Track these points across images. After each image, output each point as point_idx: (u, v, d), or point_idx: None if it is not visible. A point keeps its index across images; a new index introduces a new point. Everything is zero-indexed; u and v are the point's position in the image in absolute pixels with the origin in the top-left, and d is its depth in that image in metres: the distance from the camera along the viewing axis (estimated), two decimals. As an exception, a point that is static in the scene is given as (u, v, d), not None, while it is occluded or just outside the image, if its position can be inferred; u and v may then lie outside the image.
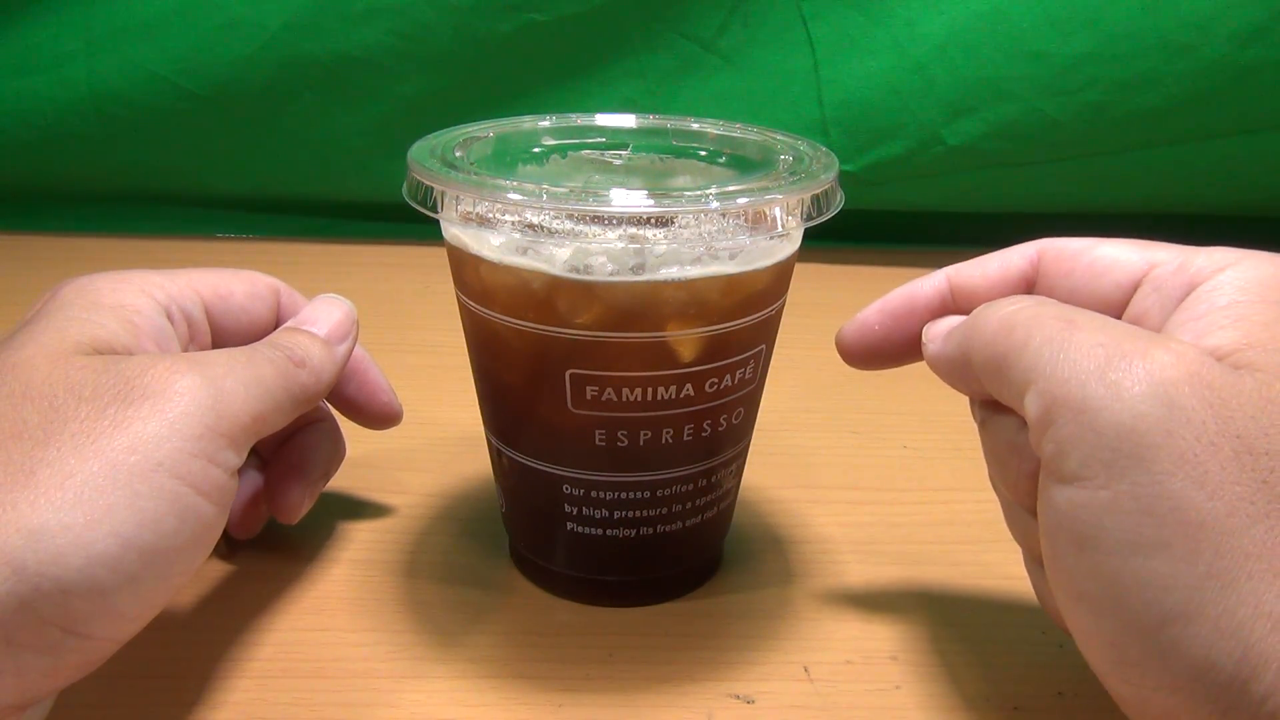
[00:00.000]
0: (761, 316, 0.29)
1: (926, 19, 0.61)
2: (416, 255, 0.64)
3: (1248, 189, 0.66)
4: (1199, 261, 0.24)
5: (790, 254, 0.29)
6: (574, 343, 0.27)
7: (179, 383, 0.24)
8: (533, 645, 0.30)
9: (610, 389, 0.28)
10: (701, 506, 0.31)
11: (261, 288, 0.32)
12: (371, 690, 0.28)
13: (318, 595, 0.32)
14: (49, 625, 0.21)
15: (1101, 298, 0.26)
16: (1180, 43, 0.58)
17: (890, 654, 0.30)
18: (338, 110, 0.65)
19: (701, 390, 0.28)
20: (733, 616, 0.32)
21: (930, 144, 0.62)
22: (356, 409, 0.35)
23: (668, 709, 0.28)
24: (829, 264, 0.65)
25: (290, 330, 0.30)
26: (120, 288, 0.28)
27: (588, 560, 0.31)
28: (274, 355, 0.28)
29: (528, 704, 0.28)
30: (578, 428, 0.29)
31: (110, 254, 0.66)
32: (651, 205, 0.25)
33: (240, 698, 0.28)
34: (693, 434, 0.29)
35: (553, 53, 0.64)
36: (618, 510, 0.30)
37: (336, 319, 0.31)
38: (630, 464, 0.29)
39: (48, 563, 0.21)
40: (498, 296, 0.28)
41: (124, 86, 0.64)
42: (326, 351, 0.30)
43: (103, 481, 0.22)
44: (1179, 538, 0.19)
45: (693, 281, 0.27)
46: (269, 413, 0.26)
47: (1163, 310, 0.24)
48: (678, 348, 0.27)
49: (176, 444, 0.23)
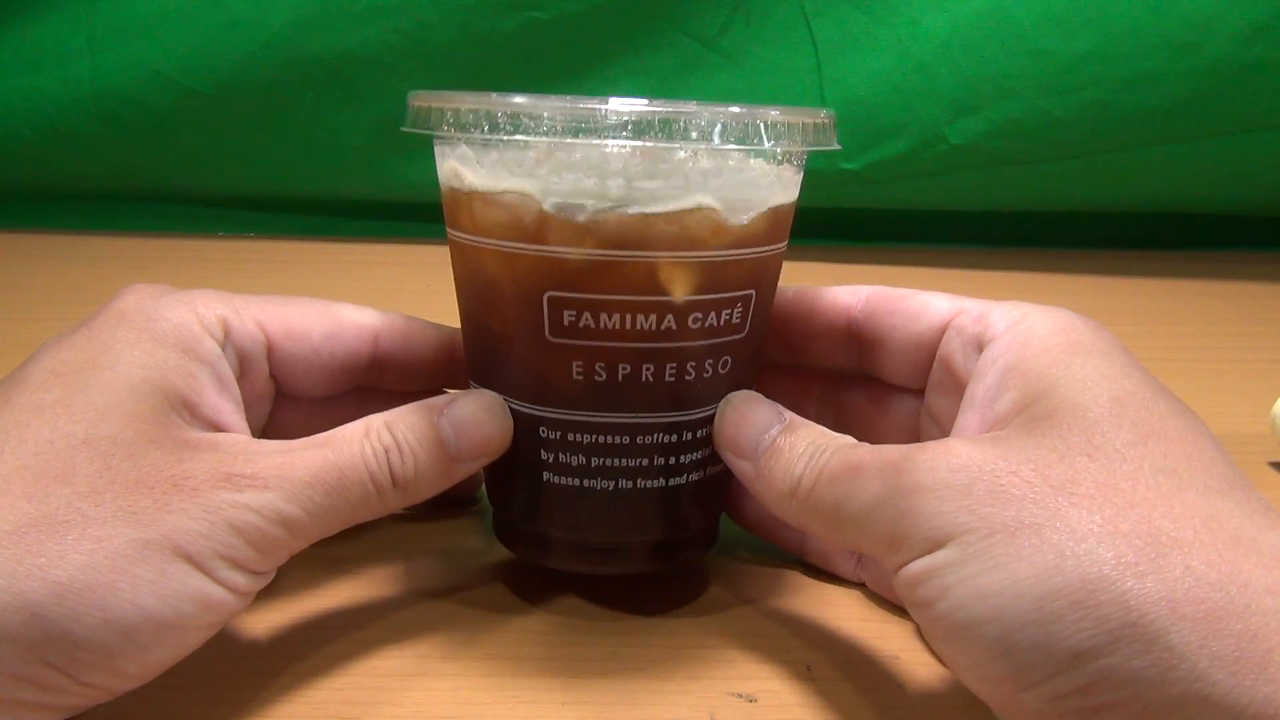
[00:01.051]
0: (752, 255, 0.28)
1: (929, 18, 0.61)
2: (418, 254, 0.64)
3: (1250, 187, 0.66)
4: (994, 315, 0.27)
5: (787, 201, 0.29)
6: (556, 262, 0.27)
7: (238, 496, 0.24)
8: (535, 643, 0.30)
9: (588, 314, 0.27)
10: (687, 465, 0.30)
11: (347, 330, 0.30)
12: (373, 688, 0.28)
13: (318, 594, 0.33)
14: (53, 670, 0.22)
15: (917, 333, 0.30)
16: (1183, 41, 0.58)
17: (893, 653, 0.30)
18: (340, 108, 0.65)
19: (684, 325, 0.28)
20: (735, 615, 0.32)
21: (933, 142, 0.62)
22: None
23: (669, 707, 0.28)
24: (829, 264, 0.64)
25: (419, 425, 0.27)
26: (182, 312, 0.27)
27: (565, 518, 0.31)
28: (373, 470, 0.26)
29: (530, 702, 0.28)
30: (556, 359, 0.28)
31: (112, 252, 0.66)
32: (648, 107, 0.26)
33: (240, 696, 0.28)
34: (675, 374, 0.28)
35: (555, 51, 0.64)
36: (595, 457, 0.29)
37: (485, 437, 0.28)
38: (609, 402, 0.28)
39: (65, 617, 0.21)
40: (485, 221, 0.28)
41: (126, 85, 0.64)
42: (442, 473, 0.27)
43: (134, 554, 0.22)
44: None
45: (681, 213, 0.27)
46: (323, 534, 0.26)
47: (964, 350, 0.28)
48: (660, 273, 0.27)
49: (216, 547, 0.23)
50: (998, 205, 0.67)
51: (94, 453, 0.23)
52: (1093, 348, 0.25)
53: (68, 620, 0.21)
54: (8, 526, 0.22)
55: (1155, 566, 0.20)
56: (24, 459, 0.23)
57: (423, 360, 0.32)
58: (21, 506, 0.22)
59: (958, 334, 0.28)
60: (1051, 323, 0.26)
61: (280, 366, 0.30)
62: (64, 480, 0.23)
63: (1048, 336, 0.26)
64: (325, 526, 0.26)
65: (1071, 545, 0.20)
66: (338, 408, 0.33)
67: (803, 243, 0.31)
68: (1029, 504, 0.21)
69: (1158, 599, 0.19)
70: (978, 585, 0.21)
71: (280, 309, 0.30)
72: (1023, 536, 0.21)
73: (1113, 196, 0.67)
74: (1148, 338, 0.43)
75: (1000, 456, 0.22)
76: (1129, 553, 0.20)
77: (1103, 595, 0.20)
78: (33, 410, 0.24)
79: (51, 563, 0.21)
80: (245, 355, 0.29)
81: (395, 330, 0.32)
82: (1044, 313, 0.27)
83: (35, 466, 0.23)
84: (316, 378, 0.30)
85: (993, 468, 0.22)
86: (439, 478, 0.28)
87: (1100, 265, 0.65)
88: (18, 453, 0.23)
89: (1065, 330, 0.26)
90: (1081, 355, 0.25)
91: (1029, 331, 0.26)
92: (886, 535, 0.23)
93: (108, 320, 0.27)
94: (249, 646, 0.30)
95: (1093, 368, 0.24)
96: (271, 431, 0.32)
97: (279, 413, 0.32)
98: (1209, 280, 0.64)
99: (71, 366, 0.25)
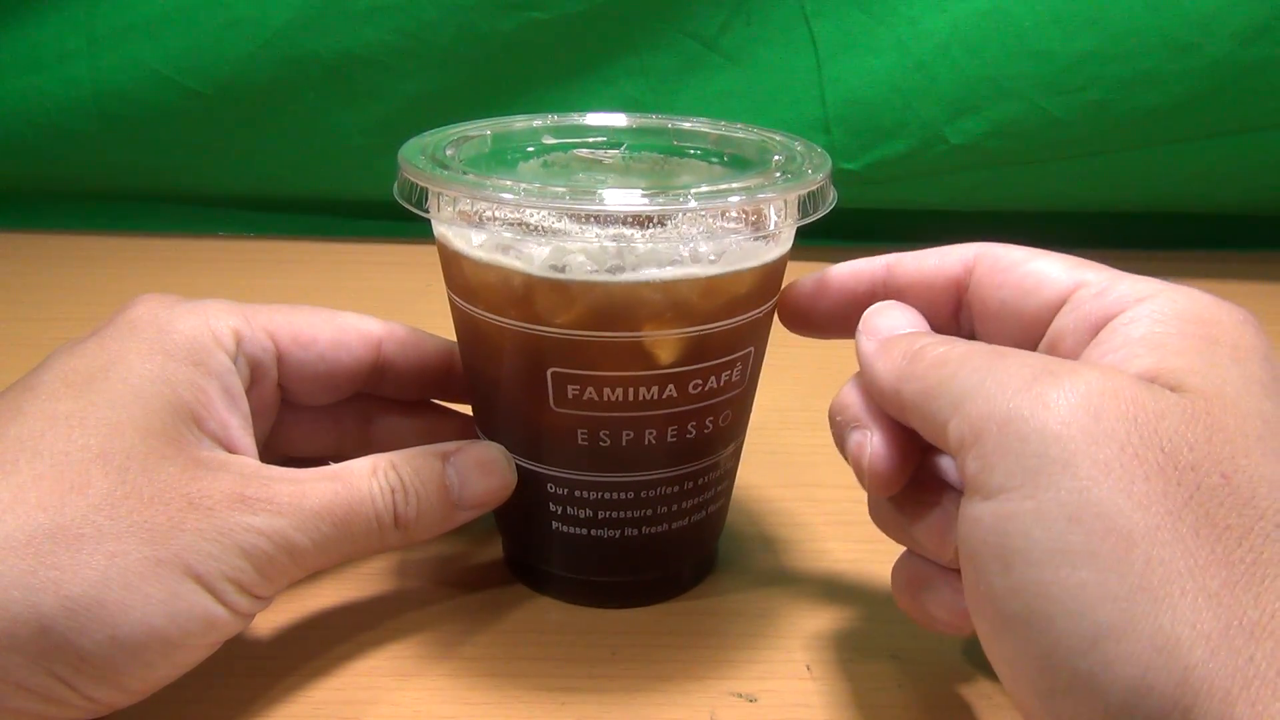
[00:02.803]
0: (748, 319, 0.29)
1: (929, 17, 0.61)
2: (418, 254, 0.64)
3: (1251, 188, 0.66)
4: (1121, 288, 0.24)
5: (778, 256, 0.29)
6: (554, 341, 0.27)
7: (251, 519, 0.24)
8: (535, 644, 0.30)
9: (591, 388, 0.28)
10: (689, 509, 0.31)
11: (352, 337, 0.31)
12: (374, 688, 0.28)
13: (318, 595, 0.32)
14: (58, 682, 0.22)
15: (1029, 312, 0.26)
16: (1183, 41, 0.58)
17: (892, 652, 0.30)
18: (340, 108, 0.65)
19: (684, 392, 0.28)
20: (734, 615, 0.32)
21: (933, 143, 0.62)
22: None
23: (670, 707, 0.28)
24: (829, 264, 0.64)
25: (425, 469, 0.28)
26: (194, 324, 0.27)
27: (573, 560, 0.31)
28: (378, 508, 0.26)
29: (530, 702, 0.28)
30: (560, 427, 0.29)
31: (112, 252, 0.66)
32: (630, 204, 0.25)
33: (240, 695, 0.28)
34: (677, 435, 0.29)
35: (555, 51, 0.64)
36: (601, 510, 0.30)
37: (488, 489, 0.29)
38: (613, 464, 0.29)
39: (74, 631, 0.21)
40: (481, 294, 0.28)
41: (126, 85, 0.64)
42: (443, 518, 0.28)
43: (147, 572, 0.22)
44: (1107, 547, 0.18)
45: (671, 283, 0.27)
46: (324, 565, 0.26)
47: (1076, 331, 0.24)
48: (655, 349, 0.27)
49: (225, 569, 0.24)
50: (998, 205, 0.67)
51: (109, 466, 0.23)
52: (1238, 345, 0.22)
53: (76, 635, 0.21)
54: (23, 537, 0.22)
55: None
56: (40, 469, 0.23)
57: (422, 370, 0.32)
58: (37, 517, 0.22)
59: (1074, 310, 0.25)
60: (1193, 306, 0.23)
61: (288, 375, 0.30)
62: (80, 492, 0.23)
63: (1187, 321, 0.22)
64: (327, 558, 0.26)
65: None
66: (338, 415, 0.33)
67: (803, 243, 0.31)
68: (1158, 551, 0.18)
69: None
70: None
71: (289, 317, 0.30)
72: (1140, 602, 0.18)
73: (1113, 196, 0.66)
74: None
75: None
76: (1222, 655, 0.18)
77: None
78: (47, 420, 0.24)
79: (65, 576, 0.21)
80: (256, 364, 0.29)
81: (397, 340, 0.32)
82: (1183, 293, 0.23)
83: (51, 477, 0.23)
84: (322, 385, 0.31)
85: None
86: (440, 522, 0.28)
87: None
88: (33, 464, 0.23)
89: (1208, 320, 0.22)
90: (1226, 350, 0.22)
91: (1163, 310, 0.23)
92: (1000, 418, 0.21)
93: (119, 330, 0.27)
94: (249, 646, 0.30)
95: (1238, 373, 0.21)
96: (275, 439, 0.32)
97: (281, 419, 0.32)
98: (1209, 280, 0.64)
99: (83, 376, 0.25)
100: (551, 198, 0.25)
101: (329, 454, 0.33)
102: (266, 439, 0.31)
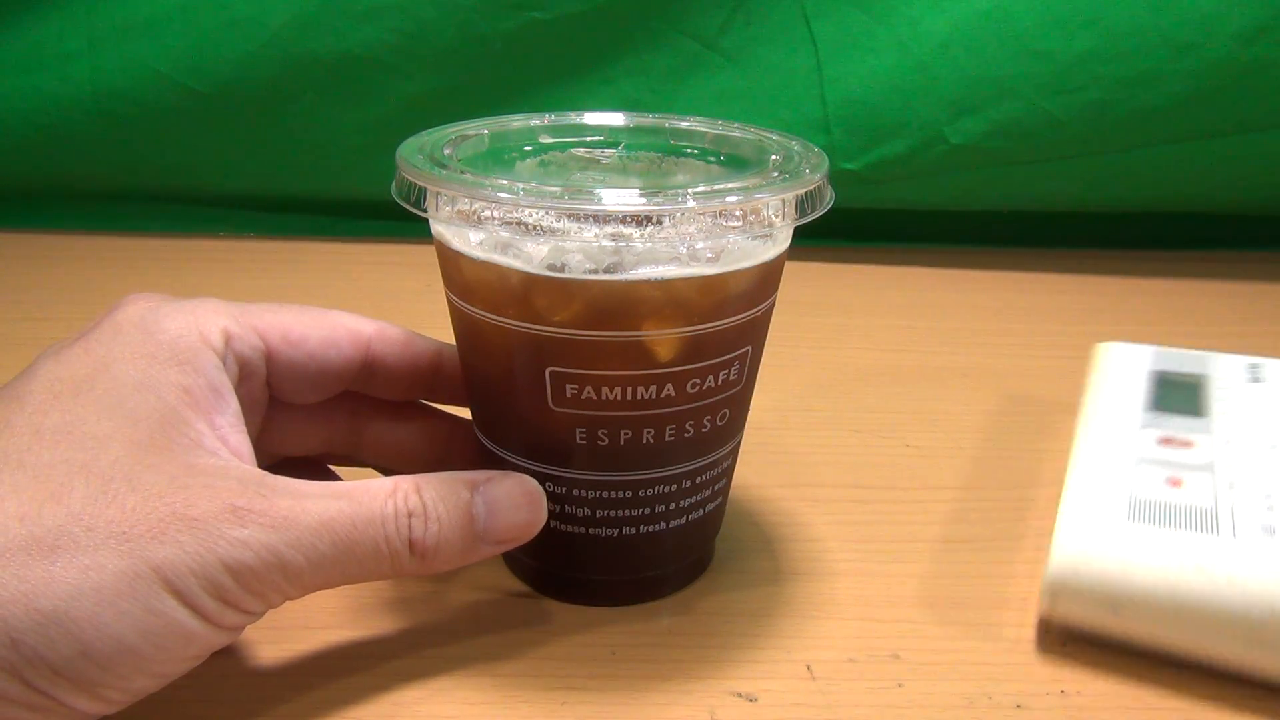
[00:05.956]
0: (746, 318, 0.29)
1: (929, 17, 0.61)
2: (418, 254, 0.64)
3: (1251, 188, 0.66)
4: None
5: (776, 255, 0.29)
6: (552, 340, 0.27)
7: (239, 532, 0.23)
8: (534, 643, 0.30)
9: (590, 387, 0.28)
10: (687, 508, 0.31)
11: (341, 335, 0.30)
12: (372, 687, 0.28)
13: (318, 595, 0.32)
14: (35, 692, 0.21)
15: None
16: (1183, 41, 0.58)
17: (892, 652, 0.30)
18: (340, 108, 0.65)
19: (683, 391, 0.28)
20: (734, 615, 0.32)
21: (933, 142, 0.62)
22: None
23: (670, 707, 0.28)
24: (830, 264, 0.64)
25: (450, 496, 0.27)
26: (180, 324, 0.27)
27: (570, 558, 0.31)
28: (389, 530, 0.25)
29: (530, 701, 0.28)
30: (559, 426, 0.29)
31: (112, 252, 0.66)
32: (628, 203, 0.25)
33: (240, 695, 0.28)
34: (675, 434, 0.29)
35: (555, 51, 0.64)
36: (600, 509, 0.30)
37: (516, 524, 0.28)
38: (611, 463, 0.29)
39: (44, 645, 0.21)
40: (479, 293, 0.28)
41: (127, 85, 0.64)
42: (465, 549, 0.27)
43: (121, 585, 0.22)
44: None
45: (670, 281, 0.27)
46: (325, 585, 0.25)
47: None
48: (654, 348, 0.27)
49: (204, 584, 0.23)
50: (998, 205, 0.67)
51: (91, 477, 0.23)
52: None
53: (46, 648, 0.21)
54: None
55: None
56: (20, 480, 0.23)
57: (413, 370, 0.32)
58: (13, 527, 0.22)
59: None
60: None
61: (277, 373, 0.30)
62: (59, 502, 0.22)
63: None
64: (327, 578, 0.25)
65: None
66: (328, 413, 0.33)
67: (803, 243, 0.31)
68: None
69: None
70: None
71: (278, 316, 0.29)
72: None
73: (1113, 196, 0.66)
74: (1148, 338, 0.43)
75: None
76: None
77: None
78: (32, 434, 0.24)
79: (36, 590, 0.21)
80: (245, 363, 0.29)
81: (387, 339, 0.31)
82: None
83: (31, 488, 0.22)
84: (311, 384, 0.30)
85: None
86: (461, 553, 0.27)
87: (1100, 265, 0.65)
88: (15, 475, 0.23)
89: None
90: None
91: None
92: None
93: (104, 334, 0.26)
94: (248, 645, 0.30)
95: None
96: (264, 437, 0.32)
97: (270, 417, 0.32)
98: (1209, 280, 0.64)
99: (70, 386, 0.25)
100: (549, 197, 0.25)
101: (319, 452, 0.33)
102: (256, 438, 0.31)
